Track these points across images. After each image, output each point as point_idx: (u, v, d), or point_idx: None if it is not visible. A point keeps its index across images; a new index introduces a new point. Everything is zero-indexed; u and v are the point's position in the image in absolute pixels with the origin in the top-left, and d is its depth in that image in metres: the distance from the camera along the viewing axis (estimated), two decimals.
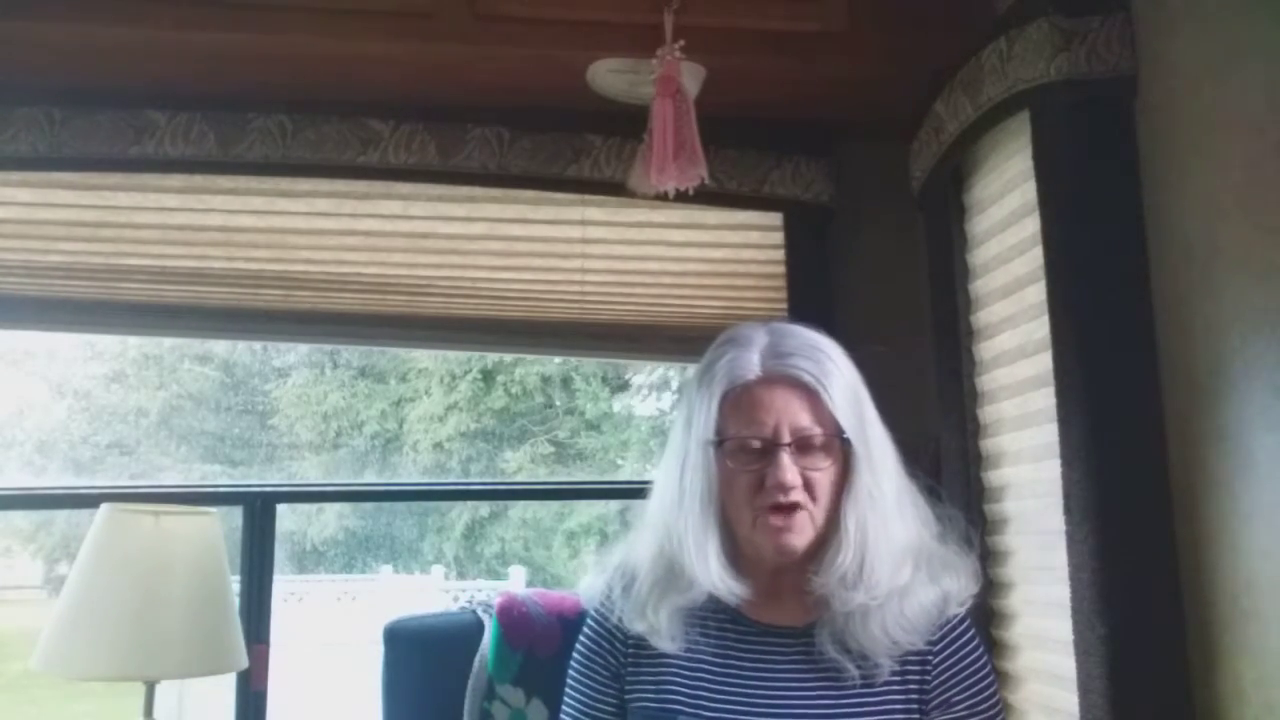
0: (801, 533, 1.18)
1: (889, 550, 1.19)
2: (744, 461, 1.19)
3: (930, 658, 1.21)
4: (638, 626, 1.23)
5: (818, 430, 1.19)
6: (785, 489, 1.17)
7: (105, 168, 1.82)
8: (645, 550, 1.26)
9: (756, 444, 1.19)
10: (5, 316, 1.91)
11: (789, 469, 1.17)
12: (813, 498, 1.19)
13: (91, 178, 1.84)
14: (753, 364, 1.21)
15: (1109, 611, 1.23)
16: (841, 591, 1.17)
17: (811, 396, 1.19)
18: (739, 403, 1.20)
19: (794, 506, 1.18)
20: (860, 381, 1.25)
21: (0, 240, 1.84)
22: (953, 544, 1.25)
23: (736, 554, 1.22)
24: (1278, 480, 1.07)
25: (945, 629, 1.22)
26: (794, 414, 1.19)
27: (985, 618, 1.62)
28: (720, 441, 1.20)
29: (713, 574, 1.19)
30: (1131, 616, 1.23)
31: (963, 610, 1.24)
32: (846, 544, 1.18)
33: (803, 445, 1.18)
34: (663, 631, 1.21)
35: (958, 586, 1.22)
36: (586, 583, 1.34)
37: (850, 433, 1.20)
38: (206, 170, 1.83)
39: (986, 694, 1.23)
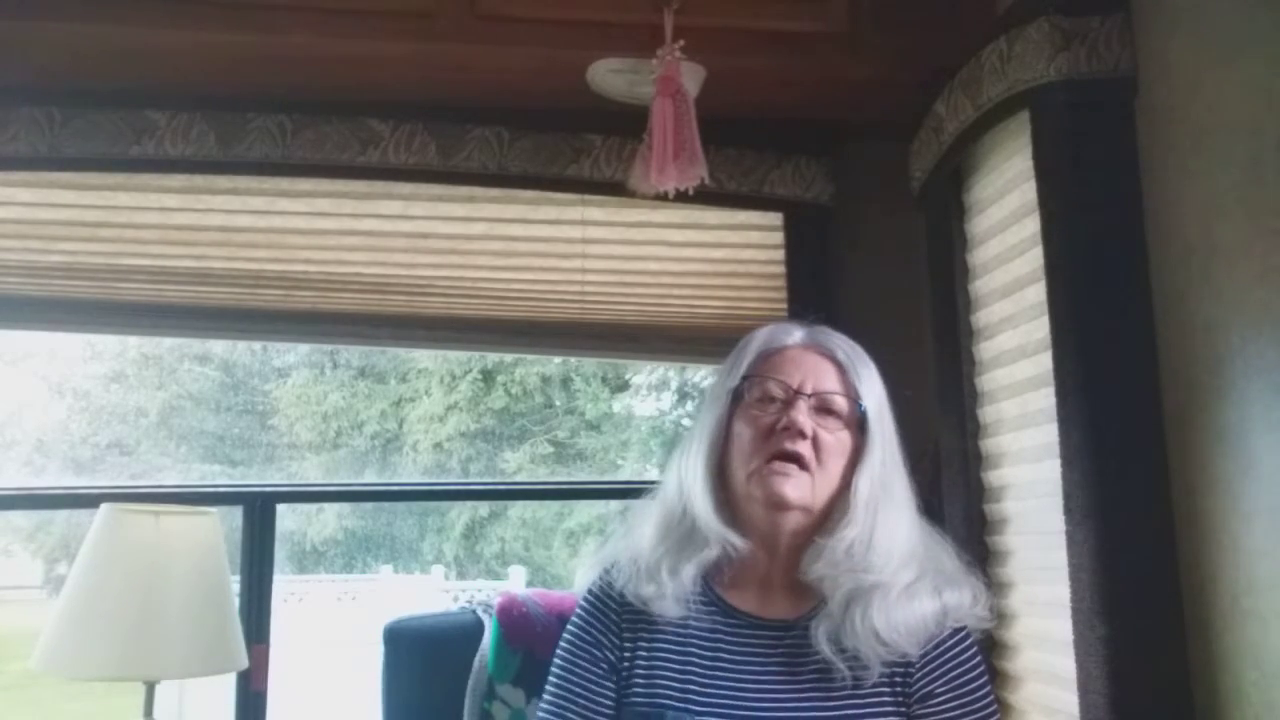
0: (798, 486, 1.19)
1: (896, 539, 1.20)
2: (762, 407, 1.23)
3: (916, 661, 1.19)
4: (645, 589, 1.22)
5: (841, 396, 1.23)
6: (795, 432, 1.19)
7: (105, 168, 1.82)
8: (649, 525, 1.27)
9: (779, 391, 1.23)
10: (5, 316, 1.91)
11: (804, 413, 1.20)
12: (819, 460, 1.20)
13: (91, 178, 1.84)
14: (794, 332, 1.29)
15: (1109, 611, 1.23)
16: (846, 568, 1.17)
17: (841, 370, 1.25)
18: (772, 358, 1.27)
19: (798, 457, 1.19)
20: (886, 393, 1.28)
21: (0, 240, 1.84)
22: (964, 571, 1.24)
23: (734, 514, 1.23)
24: (1278, 480, 1.07)
25: (940, 638, 1.20)
26: (821, 376, 1.24)
27: None
28: (747, 380, 1.25)
29: (712, 515, 1.21)
30: (1131, 616, 1.23)
31: (961, 625, 1.22)
32: (857, 515, 1.19)
33: (822, 406, 1.22)
34: (669, 592, 1.21)
35: (959, 602, 1.21)
36: (582, 574, 1.35)
37: (870, 411, 1.23)
38: (206, 170, 1.83)
39: (975, 695, 1.20)
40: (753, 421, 1.23)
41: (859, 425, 1.23)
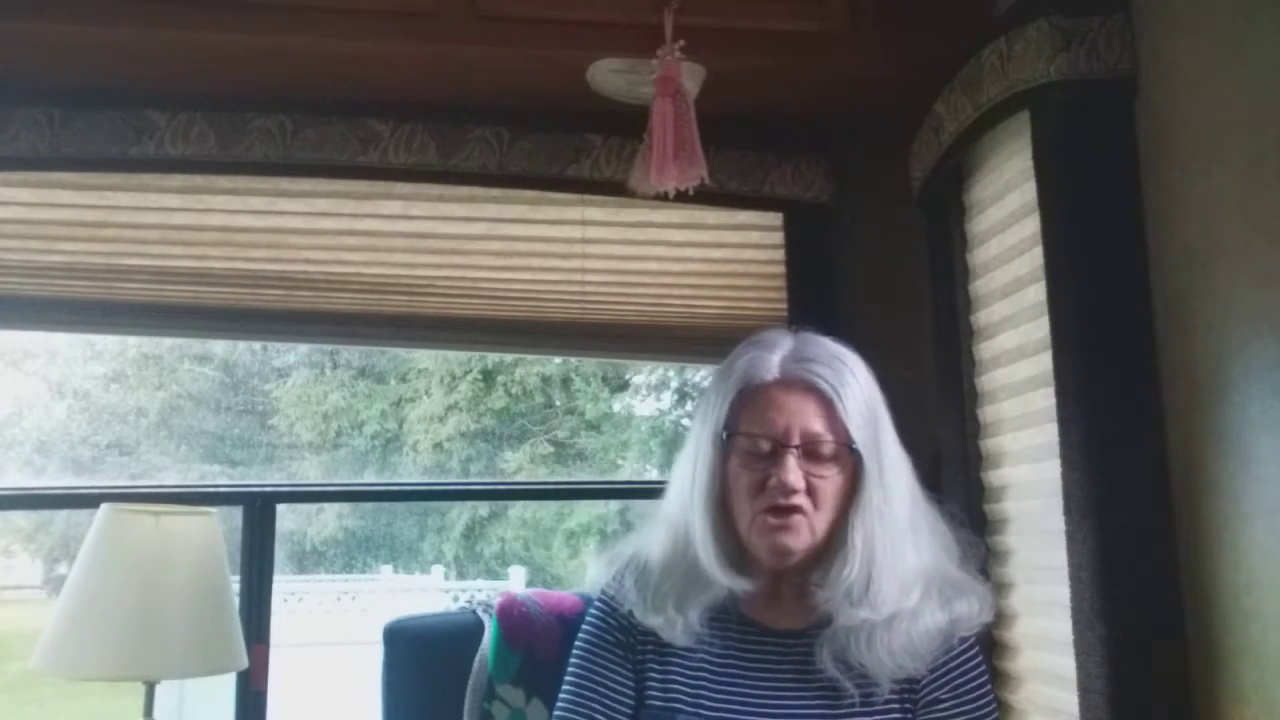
0: (798, 535, 1.18)
1: (897, 570, 1.18)
2: (751, 461, 1.19)
3: (925, 674, 1.19)
4: (652, 620, 1.22)
5: (828, 438, 1.18)
6: (787, 490, 1.16)
7: (105, 168, 1.82)
8: (658, 547, 1.26)
9: (765, 445, 1.19)
10: (5, 316, 1.91)
11: (793, 470, 1.16)
12: (815, 504, 1.18)
13: (91, 178, 1.83)
14: (772, 365, 1.21)
15: (1109, 611, 1.23)
16: (846, 607, 1.16)
17: (826, 404, 1.19)
18: (754, 401, 1.21)
19: (793, 509, 1.17)
20: (880, 400, 1.24)
21: (0, 240, 1.84)
22: (970, 571, 1.24)
23: (740, 549, 1.22)
24: (1278, 480, 1.07)
25: (950, 649, 1.21)
26: (806, 419, 1.18)
27: None
28: (730, 436, 1.20)
29: (716, 569, 1.19)
30: (1131, 616, 1.23)
31: (969, 635, 1.22)
32: (852, 557, 1.17)
33: (811, 451, 1.18)
34: (678, 627, 1.20)
35: (968, 612, 1.21)
36: (593, 573, 1.34)
37: (861, 445, 1.19)
38: (206, 170, 1.83)
39: (979, 703, 1.20)
40: (744, 472, 1.20)
41: (852, 462, 1.20)
